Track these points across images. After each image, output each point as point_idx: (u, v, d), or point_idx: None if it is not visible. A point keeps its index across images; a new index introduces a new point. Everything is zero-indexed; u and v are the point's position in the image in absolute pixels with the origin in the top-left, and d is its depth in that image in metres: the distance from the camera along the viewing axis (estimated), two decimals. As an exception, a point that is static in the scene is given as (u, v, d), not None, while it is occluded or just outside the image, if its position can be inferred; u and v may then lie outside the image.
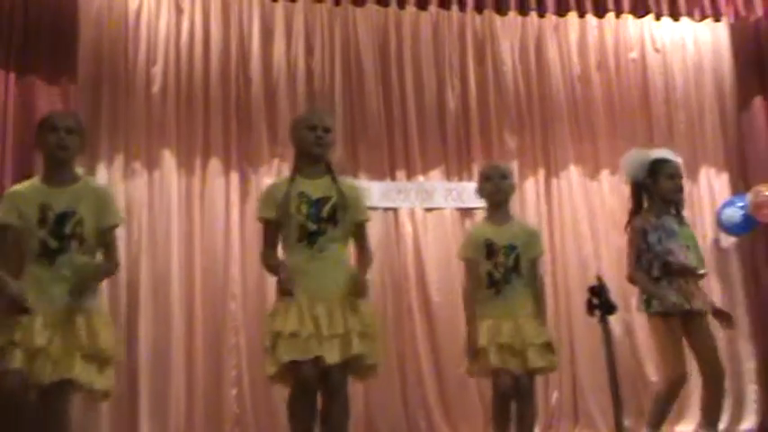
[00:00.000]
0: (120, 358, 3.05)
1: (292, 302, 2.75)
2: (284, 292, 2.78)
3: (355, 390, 4.85)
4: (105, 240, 2.89)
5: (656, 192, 3.46)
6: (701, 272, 3.42)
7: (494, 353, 3.16)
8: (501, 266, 3.27)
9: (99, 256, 2.91)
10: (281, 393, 3.25)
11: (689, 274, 3.35)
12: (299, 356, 2.69)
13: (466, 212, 5.28)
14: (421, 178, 5.34)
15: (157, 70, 5.03)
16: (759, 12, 5.36)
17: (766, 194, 5.20)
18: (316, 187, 2.89)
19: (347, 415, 2.83)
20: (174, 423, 4.62)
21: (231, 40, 5.17)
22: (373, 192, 5.20)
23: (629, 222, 3.55)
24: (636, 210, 3.54)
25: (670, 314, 3.28)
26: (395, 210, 5.26)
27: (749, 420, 5.27)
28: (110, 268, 2.96)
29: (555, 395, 5.17)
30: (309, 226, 2.83)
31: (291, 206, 2.84)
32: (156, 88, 5.01)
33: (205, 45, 5.12)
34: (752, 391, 5.33)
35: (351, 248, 3.09)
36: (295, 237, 2.84)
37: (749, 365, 5.36)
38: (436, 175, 5.37)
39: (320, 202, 2.85)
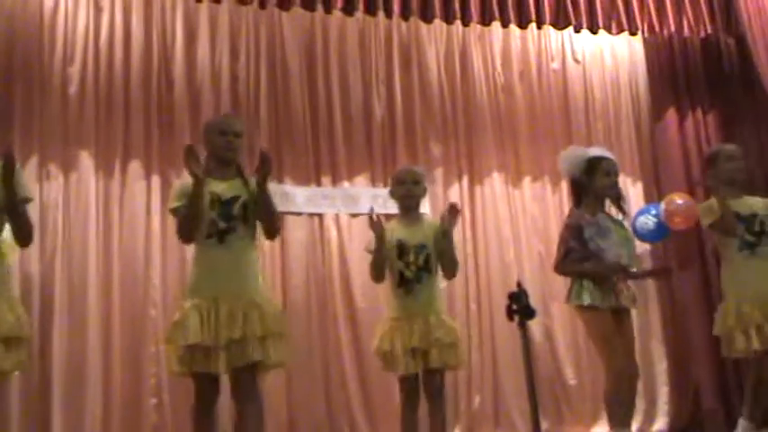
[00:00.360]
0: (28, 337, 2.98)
1: (201, 302, 2.81)
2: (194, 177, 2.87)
3: (278, 392, 4.85)
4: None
5: (591, 189, 3.50)
6: (633, 270, 3.47)
7: (399, 356, 3.25)
8: (413, 266, 3.37)
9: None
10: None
11: (620, 272, 3.38)
12: (196, 369, 2.79)
13: (390, 218, 5.29)
14: (346, 184, 5.34)
15: (75, 70, 4.87)
16: (672, 27, 5.59)
17: (678, 203, 5.39)
18: (226, 188, 2.98)
19: (261, 418, 2.92)
20: (90, 435, 4.48)
21: (153, 41, 5.05)
22: (298, 197, 5.19)
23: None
24: (576, 206, 3.56)
25: (599, 308, 3.31)
26: (320, 215, 5.25)
27: (661, 421, 5.47)
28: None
29: (477, 398, 5.24)
30: (220, 224, 2.91)
31: (203, 203, 2.92)
32: (73, 88, 4.85)
33: (126, 45, 4.99)
34: (664, 392, 5.52)
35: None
36: (205, 233, 2.92)
37: (661, 367, 5.56)
38: (362, 181, 5.38)
39: (231, 202, 2.95)
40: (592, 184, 3.49)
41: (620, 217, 3.67)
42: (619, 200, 3.57)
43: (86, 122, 4.84)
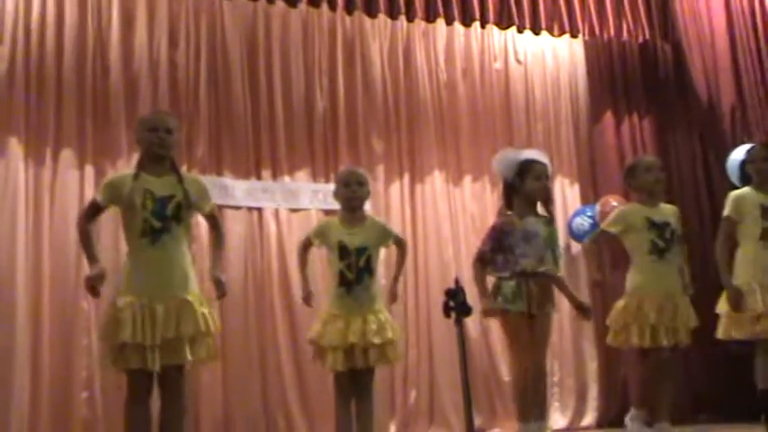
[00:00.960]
0: None
1: (133, 300, 2.83)
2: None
3: (214, 385, 4.79)
4: None
5: (522, 191, 3.55)
6: (552, 274, 3.53)
7: (329, 353, 3.30)
8: (353, 267, 3.41)
9: None
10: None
11: (540, 277, 3.45)
12: (132, 366, 2.79)
13: (331, 214, 5.24)
14: (287, 178, 5.29)
15: (4, 51, 4.68)
16: (612, 31, 5.70)
17: (614, 205, 5.51)
18: (160, 185, 2.96)
19: (182, 416, 2.94)
20: (17, 429, 4.33)
21: (88, 26, 4.87)
22: (237, 190, 5.12)
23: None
24: (508, 207, 3.63)
25: (509, 311, 3.42)
26: (259, 209, 5.19)
27: (590, 417, 5.60)
28: None
29: (413, 394, 5.27)
30: (154, 223, 2.89)
31: (137, 200, 2.91)
32: (2, 68, 4.66)
33: (58, 28, 4.81)
34: (594, 389, 5.65)
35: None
36: (138, 232, 2.91)
37: (592, 366, 5.68)
38: (302, 176, 5.34)
39: (165, 200, 2.93)
40: (522, 187, 3.54)
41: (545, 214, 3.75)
42: (547, 203, 3.64)
43: (15, 106, 4.65)
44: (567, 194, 5.92)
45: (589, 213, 5.62)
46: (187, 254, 3.04)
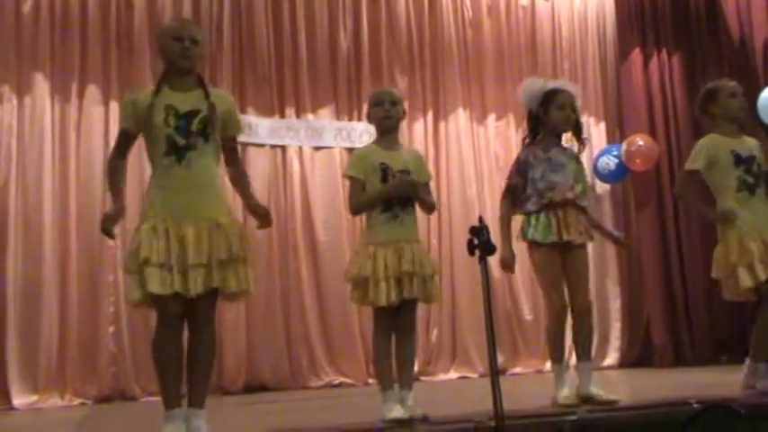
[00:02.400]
0: None
1: (160, 224, 2.60)
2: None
3: (237, 324, 4.87)
4: None
5: (546, 122, 3.34)
6: (583, 204, 3.38)
7: (384, 284, 3.04)
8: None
9: None
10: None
11: (569, 206, 3.31)
12: (164, 290, 2.55)
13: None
14: (310, 116, 5.27)
15: (28, -11, 4.68)
16: (643, -33, 5.54)
17: (640, 144, 5.45)
18: (184, 100, 2.69)
19: (213, 351, 2.74)
20: (46, 363, 4.46)
21: (111, -42, 4.85)
22: (261, 128, 5.11)
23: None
24: (531, 139, 3.39)
25: (542, 244, 3.26)
26: (283, 147, 5.19)
27: (612, 356, 5.63)
28: None
29: (435, 332, 5.32)
30: (178, 140, 2.64)
31: (156, 117, 2.64)
32: (27, 7, 4.66)
33: (82, -38, 4.79)
34: (616, 329, 5.67)
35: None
36: (162, 150, 2.65)
37: (615, 305, 5.70)
38: (326, 113, 5.32)
39: (189, 115, 2.67)
40: (547, 118, 3.39)
41: (575, 150, 3.53)
42: (578, 135, 3.45)
43: (41, 43, 4.67)
44: (592, 133, 5.83)
45: (615, 152, 5.56)
46: (218, 174, 2.76)
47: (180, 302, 2.60)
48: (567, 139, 3.47)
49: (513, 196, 3.34)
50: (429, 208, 3.23)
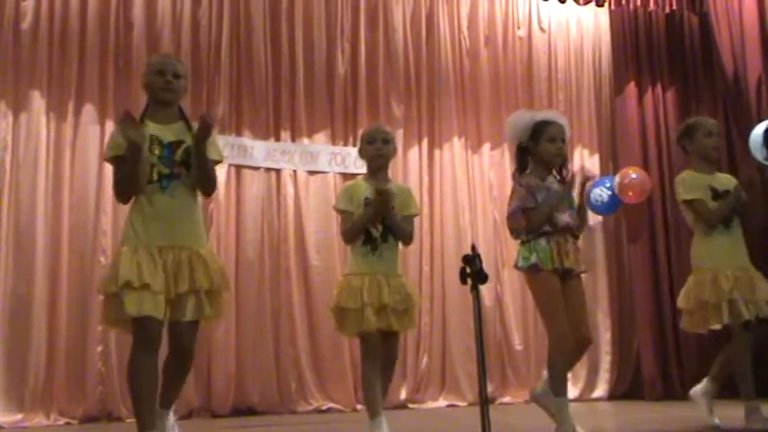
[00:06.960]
0: None
1: (141, 248, 2.66)
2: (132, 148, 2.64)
3: (227, 347, 4.84)
4: None
5: (536, 154, 3.33)
6: (579, 232, 3.38)
7: (362, 313, 3.10)
8: (379, 225, 3.25)
9: None
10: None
11: (568, 234, 3.30)
12: (143, 313, 2.58)
13: (349, 178, 5.27)
14: (306, 140, 5.29)
15: (29, 5, 4.71)
16: (638, 0, 5.61)
17: (633, 177, 5.48)
18: (167, 131, 2.79)
19: (188, 370, 2.85)
20: (33, 381, 4.43)
21: (112, -21, 4.89)
22: (256, 151, 5.13)
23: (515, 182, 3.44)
24: (520, 172, 3.36)
25: (542, 269, 3.23)
26: (277, 171, 5.20)
27: (602, 388, 5.61)
28: None
29: (425, 359, 5.30)
30: (162, 169, 2.74)
31: (143, 147, 2.70)
32: (26, 24, 4.69)
33: (83, -17, 4.83)
34: (606, 361, 5.66)
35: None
36: (146, 179, 2.73)
37: (605, 337, 5.69)
38: (321, 138, 5.34)
39: (173, 146, 2.77)
40: (536, 150, 3.38)
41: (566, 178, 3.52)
42: (562, 167, 3.45)
43: (39, 61, 4.69)
44: (586, 165, 5.87)
45: (608, 184, 5.59)
46: (199, 207, 2.86)
47: (158, 326, 2.64)
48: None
49: (525, 217, 3.29)
50: (404, 237, 3.34)
